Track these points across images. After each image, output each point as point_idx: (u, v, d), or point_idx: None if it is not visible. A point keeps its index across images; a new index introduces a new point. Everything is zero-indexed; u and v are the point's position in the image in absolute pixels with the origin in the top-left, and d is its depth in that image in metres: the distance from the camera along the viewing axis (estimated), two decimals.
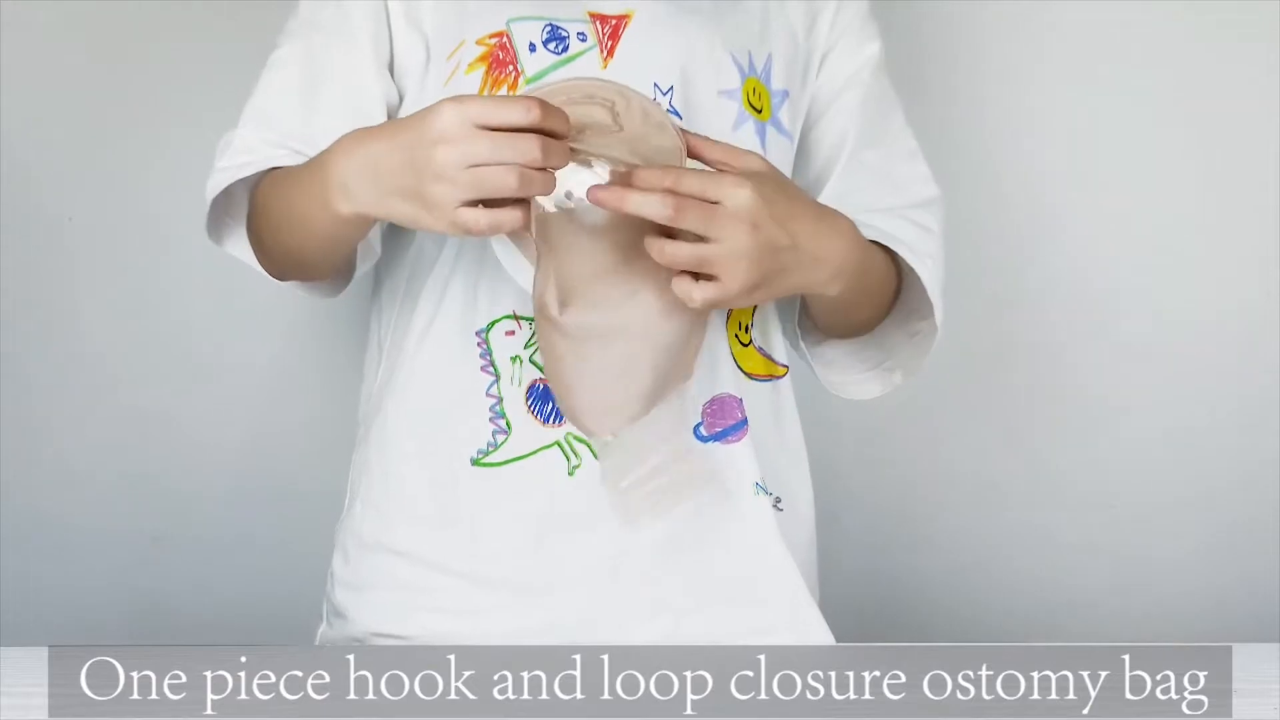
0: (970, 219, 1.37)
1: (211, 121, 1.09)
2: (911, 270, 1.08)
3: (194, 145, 1.13)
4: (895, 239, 1.08)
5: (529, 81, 1.03)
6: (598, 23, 1.06)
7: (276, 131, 1.06)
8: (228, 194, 1.07)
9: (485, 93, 1.04)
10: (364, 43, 1.07)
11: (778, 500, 1.08)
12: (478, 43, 1.05)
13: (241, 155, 1.06)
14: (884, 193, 1.12)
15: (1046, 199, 1.52)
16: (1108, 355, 1.53)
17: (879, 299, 1.11)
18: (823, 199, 1.12)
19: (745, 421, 1.06)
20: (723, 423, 1.06)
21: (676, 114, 1.04)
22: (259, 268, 1.09)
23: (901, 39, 1.20)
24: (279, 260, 1.07)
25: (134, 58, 1.47)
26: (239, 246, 1.10)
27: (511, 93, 1.03)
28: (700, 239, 0.92)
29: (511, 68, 1.04)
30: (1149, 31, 1.50)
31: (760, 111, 1.09)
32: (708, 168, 0.97)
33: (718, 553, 1.05)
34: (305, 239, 1.02)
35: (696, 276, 0.93)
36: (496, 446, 1.03)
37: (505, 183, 0.87)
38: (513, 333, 1.03)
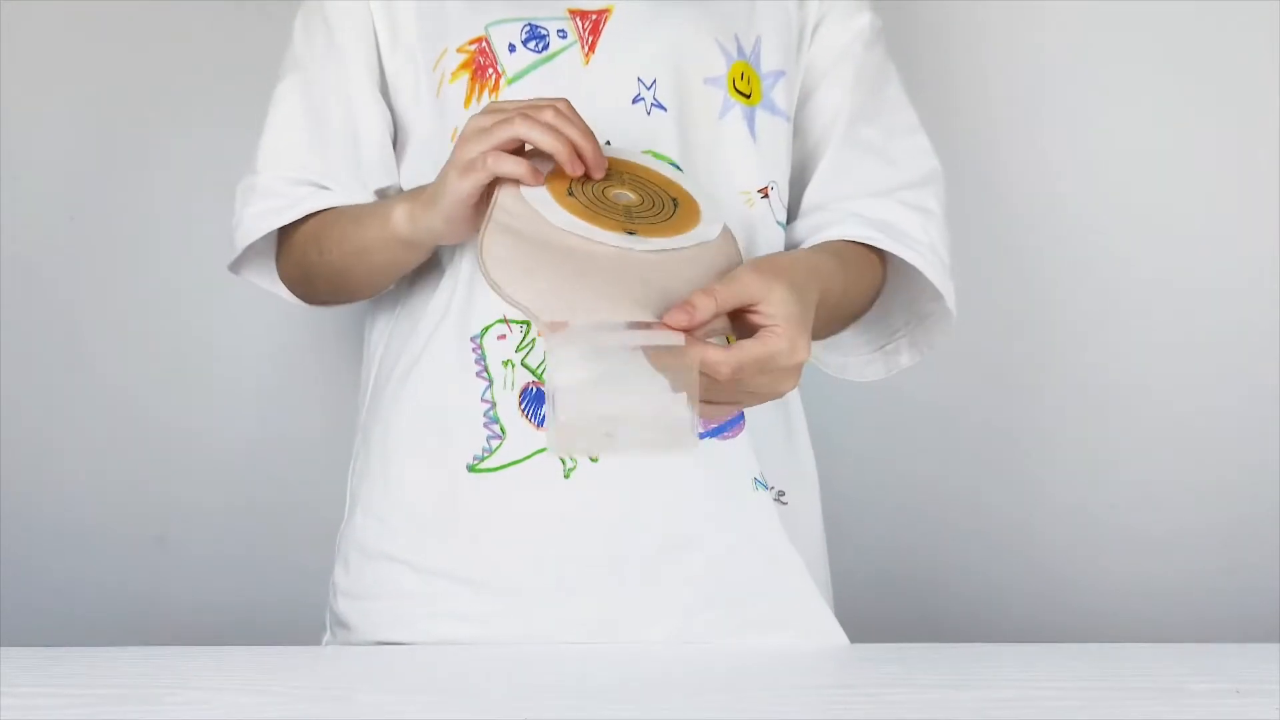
0: (974, 212, 1.37)
1: (212, 121, 1.10)
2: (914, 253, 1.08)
3: (196, 146, 1.14)
4: (893, 227, 1.08)
5: (510, 82, 1.04)
6: (577, 19, 1.06)
7: (293, 169, 1.10)
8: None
9: (471, 100, 1.05)
10: (357, 69, 1.10)
11: (780, 495, 1.08)
12: (459, 50, 1.06)
13: (268, 200, 1.09)
14: (881, 170, 1.11)
15: (1052, 193, 1.52)
16: (1109, 357, 1.53)
17: (866, 289, 1.10)
18: (819, 174, 1.12)
19: (741, 416, 1.06)
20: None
21: (661, 107, 1.05)
22: (288, 296, 1.14)
23: (903, 31, 1.20)
24: (324, 288, 1.11)
25: (135, 57, 1.47)
26: (261, 277, 1.16)
27: (494, 96, 1.05)
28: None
29: (492, 70, 1.05)
30: (1153, 22, 1.50)
31: (749, 96, 1.09)
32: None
33: (719, 551, 1.04)
34: (365, 265, 1.06)
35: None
36: (492, 452, 1.03)
37: (512, 127, 0.93)
38: (504, 336, 1.03)
